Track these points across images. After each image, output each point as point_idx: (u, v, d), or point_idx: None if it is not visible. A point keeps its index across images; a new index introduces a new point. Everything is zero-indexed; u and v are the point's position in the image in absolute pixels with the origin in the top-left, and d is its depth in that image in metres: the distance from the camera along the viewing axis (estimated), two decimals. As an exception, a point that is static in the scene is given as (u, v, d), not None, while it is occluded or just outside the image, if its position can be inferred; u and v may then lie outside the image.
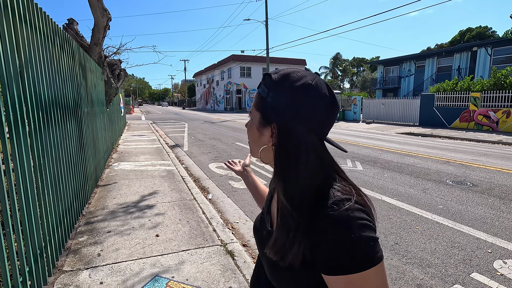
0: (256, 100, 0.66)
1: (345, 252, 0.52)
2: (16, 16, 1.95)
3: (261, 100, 0.63)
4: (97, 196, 4.22)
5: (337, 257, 0.53)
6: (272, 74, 0.63)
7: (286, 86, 0.60)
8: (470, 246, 2.88)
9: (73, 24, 5.99)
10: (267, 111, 0.62)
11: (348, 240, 0.52)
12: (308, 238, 0.56)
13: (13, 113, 1.82)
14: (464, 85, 13.92)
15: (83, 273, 2.31)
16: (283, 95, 0.60)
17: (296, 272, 0.59)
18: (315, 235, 0.55)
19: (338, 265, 0.53)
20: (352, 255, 0.52)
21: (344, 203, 0.55)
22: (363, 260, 0.52)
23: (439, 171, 5.76)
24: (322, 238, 0.54)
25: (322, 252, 0.54)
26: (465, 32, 39.09)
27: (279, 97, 0.60)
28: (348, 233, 0.52)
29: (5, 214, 1.67)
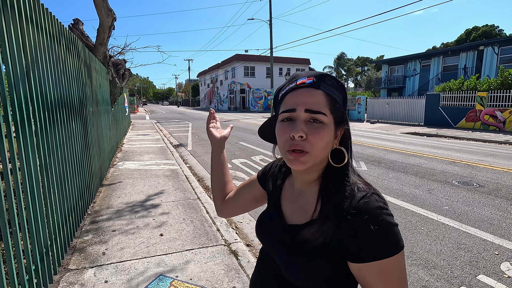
0: (326, 103, 0.62)
1: (380, 239, 0.57)
2: (23, 17, 1.97)
3: (334, 102, 0.64)
4: (102, 195, 4.25)
5: (373, 245, 0.57)
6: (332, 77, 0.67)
7: (344, 89, 0.67)
8: (476, 248, 2.84)
9: (79, 24, 6.03)
10: (341, 114, 0.65)
11: (382, 228, 0.57)
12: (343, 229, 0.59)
13: (19, 112, 1.84)
14: (471, 84, 13.76)
15: (88, 272, 2.32)
16: (345, 98, 0.67)
17: (317, 262, 0.62)
18: (350, 226, 0.59)
19: (372, 252, 0.57)
20: (385, 242, 0.57)
21: (372, 195, 0.61)
22: (393, 246, 0.57)
23: (445, 171, 5.70)
24: (358, 228, 0.58)
25: (357, 241, 0.58)
26: (471, 30, 38.64)
27: (346, 103, 0.67)
28: (381, 221, 0.57)
29: (11, 213, 1.69)
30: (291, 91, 0.65)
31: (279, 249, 0.70)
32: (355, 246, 0.58)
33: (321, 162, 0.67)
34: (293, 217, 0.71)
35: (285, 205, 0.75)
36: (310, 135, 0.61)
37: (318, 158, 0.64)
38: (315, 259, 0.62)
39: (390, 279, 0.57)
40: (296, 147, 0.62)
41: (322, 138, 0.61)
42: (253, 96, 37.94)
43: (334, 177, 0.66)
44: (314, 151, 0.62)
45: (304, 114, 0.62)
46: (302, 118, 0.62)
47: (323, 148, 0.63)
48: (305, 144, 0.61)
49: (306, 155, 0.62)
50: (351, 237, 0.58)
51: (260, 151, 8.09)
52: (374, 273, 0.57)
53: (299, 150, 0.62)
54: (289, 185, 0.78)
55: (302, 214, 0.69)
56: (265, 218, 0.79)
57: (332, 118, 0.63)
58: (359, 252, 0.58)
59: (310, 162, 0.63)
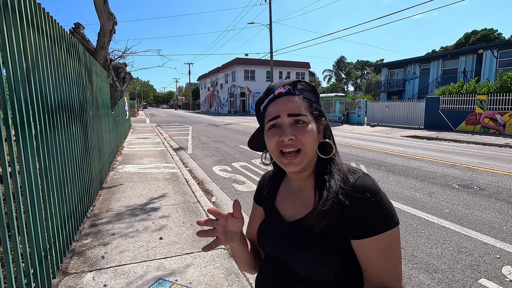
0: (304, 106, 0.70)
1: (379, 213, 0.63)
2: (24, 21, 1.98)
3: (310, 103, 0.72)
4: (101, 198, 4.24)
5: (372, 219, 0.63)
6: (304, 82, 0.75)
7: (315, 90, 0.76)
8: (477, 251, 2.83)
9: (80, 28, 6.07)
10: (317, 112, 0.73)
11: (379, 203, 0.64)
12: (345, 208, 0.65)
13: (19, 116, 1.84)
14: (470, 87, 13.79)
15: (87, 276, 2.31)
16: (319, 97, 0.76)
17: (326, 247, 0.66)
18: (351, 204, 0.64)
19: (371, 226, 0.63)
20: (383, 216, 0.63)
21: (365, 175, 0.68)
22: (390, 220, 0.64)
23: (445, 174, 5.69)
24: (358, 206, 0.64)
25: (358, 216, 0.64)
26: (470, 34, 38.82)
27: (318, 98, 0.75)
28: (378, 197, 0.64)
29: (10, 216, 1.69)
30: (271, 101, 0.72)
31: (287, 246, 0.72)
32: (356, 222, 0.64)
33: (312, 158, 0.72)
34: (296, 214, 0.74)
35: (284, 207, 0.78)
36: (299, 135, 0.68)
37: (310, 155, 0.70)
38: (323, 244, 0.66)
39: (387, 252, 0.63)
40: (288, 148, 0.68)
41: (309, 135, 0.68)
42: (253, 99, 38.01)
43: (326, 168, 0.72)
44: (305, 148, 0.68)
45: (288, 119, 0.69)
46: (287, 122, 0.69)
47: (312, 143, 0.69)
48: (296, 143, 0.68)
49: (299, 154, 0.68)
50: (352, 214, 0.64)
51: (260, 154, 8.08)
52: (373, 247, 0.63)
53: (292, 152, 0.68)
54: (285, 188, 0.81)
55: (304, 208, 0.73)
56: (265, 226, 0.81)
57: (311, 117, 0.71)
58: (360, 228, 0.64)
59: (305, 160, 0.69)
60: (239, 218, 0.70)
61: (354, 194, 0.65)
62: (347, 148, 8.89)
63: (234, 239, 0.73)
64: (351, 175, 0.69)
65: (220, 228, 0.70)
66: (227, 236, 0.71)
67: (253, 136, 0.85)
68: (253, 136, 0.85)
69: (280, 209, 0.79)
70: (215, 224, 0.70)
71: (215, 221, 0.70)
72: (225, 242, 0.71)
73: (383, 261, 0.63)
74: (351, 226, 0.64)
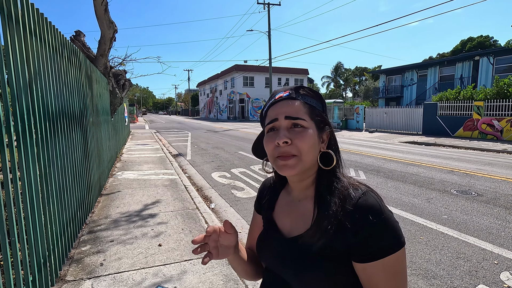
0: (304, 110, 0.67)
1: (383, 236, 0.59)
2: (27, 30, 2.02)
3: (312, 109, 0.69)
4: (100, 205, 4.24)
5: (376, 242, 0.58)
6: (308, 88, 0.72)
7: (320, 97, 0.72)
8: (475, 257, 2.84)
9: (80, 36, 6.14)
10: (321, 118, 0.69)
11: (383, 224, 0.59)
12: (345, 229, 0.60)
13: (21, 123, 1.86)
14: (467, 94, 13.92)
15: (86, 283, 2.30)
16: (324, 105, 0.72)
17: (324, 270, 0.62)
18: (352, 225, 0.60)
19: (376, 250, 0.58)
20: (388, 238, 0.59)
21: (368, 192, 0.64)
22: (395, 241, 0.59)
23: (443, 180, 5.72)
24: (360, 226, 0.59)
25: (360, 239, 0.59)
26: (467, 41, 39.28)
27: (324, 106, 0.72)
28: (382, 218, 0.59)
29: (11, 223, 1.70)
30: (271, 105, 0.70)
31: (286, 266, 0.69)
32: (359, 245, 0.59)
33: (311, 167, 0.69)
34: (294, 228, 0.71)
35: (282, 220, 0.75)
36: (295, 139, 0.64)
37: (307, 162, 0.66)
38: (321, 266, 0.62)
39: (393, 276, 0.59)
40: (283, 154, 0.65)
41: (306, 140, 0.65)
42: (252, 105, 38.16)
43: (326, 180, 0.68)
44: (302, 154, 0.64)
45: (285, 121, 0.66)
46: (284, 125, 0.66)
47: (309, 150, 0.65)
48: (291, 149, 0.64)
49: (294, 158, 0.64)
50: (353, 236, 0.60)
51: (259, 161, 8.05)
52: (378, 272, 0.59)
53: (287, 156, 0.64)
54: (284, 199, 0.78)
55: (302, 222, 0.69)
56: (263, 238, 0.78)
57: (312, 123, 0.67)
58: (363, 251, 0.59)
59: (300, 166, 0.65)
60: (232, 233, 0.70)
61: (355, 215, 0.60)
62: (346, 154, 8.91)
63: (227, 253, 0.72)
64: (354, 191, 0.64)
65: (212, 242, 0.70)
66: (218, 250, 0.70)
67: (257, 140, 0.81)
68: (257, 140, 0.81)
69: (278, 222, 0.76)
70: (207, 239, 0.69)
71: (207, 237, 0.69)
72: (217, 257, 0.70)
73: (389, 285, 0.59)
74: (353, 248, 0.60)
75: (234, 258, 0.76)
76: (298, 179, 0.71)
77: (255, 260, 0.85)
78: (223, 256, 0.72)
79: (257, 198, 0.90)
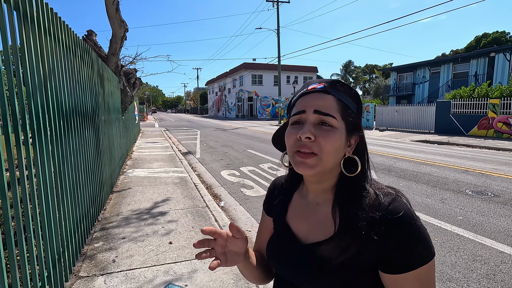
0: (337, 108, 0.61)
1: (416, 246, 0.55)
2: (41, 28, 2.05)
3: (345, 108, 0.62)
4: (112, 202, 4.30)
5: (409, 252, 0.55)
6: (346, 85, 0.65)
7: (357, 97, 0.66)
8: (493, 260, 2.75)
9: (92, 35, 6.22)
10: (354, 121, 0.63)
11: (416, 233, 0.55)
12: (373, 239, 0.56)
13: (36, 121, 1.89)
14: (482, 91, 13.54)
15: (99, 279, 2.33)
16: (360, 107, 0.66)
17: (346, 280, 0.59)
18: (382, 234, 0.56)
19: (409, 260, 0.55)
20: (421, 248, 0.55)
21: (397, 197, 0.59)
22: (428, 251, 0.56)
23: (458, 180, 5.57)
24: (393, 236, 0.55)
25: (391, 249, 0.55)
26: (481, 37, 38.20)
27: (360, 110, 0.65)
28: (414, 226, 0.55)
29: (26, 219, 1.72)
30: (302, 96, 0.65)
31: (302, 274, 0.64)
32: (390, 256, 0.56)
33: (332, 170, 0.64)
34: (312, 234, 0.66)
35: (297, 224, 0.69)
36: (320, 137, 0.59)
37: (327, 164, 0.60)
38: (345, 276, 0.58)
39: (425, 287, 0.56)
40: (303, 148, 0.59)
41: (331, 142, 0.59)
42: (261, 104, 38.10)
43: (349, 186, 0.63)
44: (323, 154, 0.59)
45: (313, 116, 0.60)
46: (311, 120, 0.60)
47: (333, 153, 0.60)
48: (313, 146, 0.59)
49: (314, 157, 0.59)
50: (384, 246, 0.56)
51: (268, 159, 8.07)
52: (410, 283, 0.55)
53: (307, 152, 0.59)
54: (299, 201, 0.72)
55: (322, 229, 0.64)
56: (275, 243, 0.72)
57: (343, 124, 0.61)
58: (394, 262, 0.55)
59: (319, 167, 0.59)
60: (240, 238, 0.63)
61: (386, 222, 0.56)
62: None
63: (236, 260, 0.65)
64: (383, 197, 0.59)
65: (219, 248, 0.62)
66: (227, 257, 0.63)
67: (278, 131, 0.75)
68: (279, 130, 0.75)
69: (292, 226, 0.70)
70: (213, 244, 0.62)
71: (213, 241, 0.62)
72: (225, 264, 0.63)
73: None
74: (383, 258, 0.56)
75: (244, 264, 0.70)
76: (316, 180, 0.66)
77: (264, 264, 0.79)
78: (232, 263, 0.64)
79: (266, 198, 0.84)
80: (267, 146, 10.61)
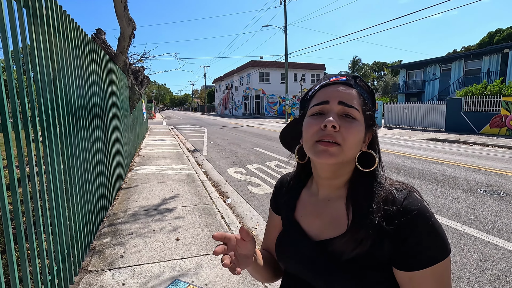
0: (359, 101, 0.62)
1: (433, 242, 0.54)
2: (51, 27, 2.07)
3: (365, 103, 0.63)
4: (120, 198, 4.35)
5: (425, 249, 0.54)
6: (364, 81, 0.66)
7: (373, 94, 0.66)
8: (505, 261, 2.68)
9: (101, 33, 6.28)
10: (371, 117, 0.64)
11: (433, 230, 0.55)
12: (389, 235, 0.56)
13: (46, 118, 1.92)
14: (495, 89, 13.21)
15: (107, 274, 2.37)
16: (374, 103, 0.66)
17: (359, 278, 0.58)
18: (398, 231, 0.55)
19: (426, 256, 0.54)
20: (437, 244, 0.55)
21: (412, 193, 0.59)
22: (444, 248, 0.55)
23: (469, 179, 5.46)
24: (409, 232, 0.55)
25: (408, 246, 0.55)
26: (495, 33, 37.23)
27: (374, 105, 0.66)
28: (430, 222, 0.55)
29: (37, 214, 1.76)
30: (323, 87, 0.64)
31: (314, 271, 0.63)
32: (407, 253, 0.55)
33: (348, 164, 0.63)
34: (324, 231, 0.65)
35: (308, 221, 0.69)
36: (343, 128, 0.58)
37: (348, 155, 0.60)
38: (358, 274, 0.57)
39: (441, 284, 0.55)
40: (327, 137, 0.58)
41: (354, 133, 0.59)
42: (268, 101, 38.03)
43: (363, 181, 0.62)
44: (346, 145, 0.58)
45: (338, 107, 0.60)
46: (335, 110, 0.60)
47: (355, 145, 0.60)
48: (337, 136, 0.58)
49: (337, 146, 0.58)
50: (399, 243, 0.55)
51: (275, 157, 8.05)
52: (427, 280, 0.54)
53: (330, 141, 0.58)
54: (308, 198, 0.71)
55: (334, 225, 0.64)
56: (284, 240, 0.72)
57: (363, 118, 0.62)
58: (412, 259, 0.55)
59: (340, 157, 0.59)
60: (249, 240, 0.64)
61: (401, 218, 0.55)
62: (364, 151, 8.70)
63: (247, 263, 0.65)
64: (397, 192, 0.59)
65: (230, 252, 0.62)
66: (238, 260, 0.63)
67: (287, 127, 0.75)
68: (288, 127, 0.75)
69: (303, 223, 0.69)
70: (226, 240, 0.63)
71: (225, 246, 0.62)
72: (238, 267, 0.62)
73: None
74: (398, 255, 0.55)
75: (253, 266, 0.71)
76: (331, 176, 0.64)
77: (272, 262, 0.79)
78: (243, 266, 0.64)
79: (273, 195, 0.83)
80: (274, 144, 10.58)
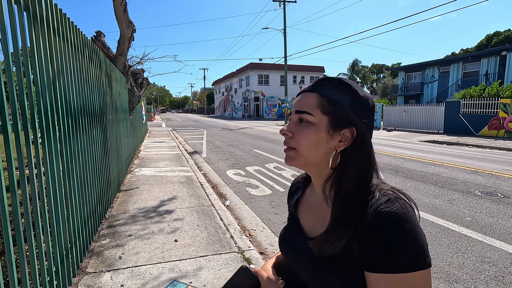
0: (316, 103, 0.62)
1: (396, 248, 0.52)
2: (51, 30, 2.09)
3: (330, 103, 0.62)
4: (119, 200, 4.36)
5: (385, 252, 0.53)
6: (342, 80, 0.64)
7: (360, 95, 0.63)
8: (502, 262, 2.70)
9: (101, 36, 6.31)
10: (342, 115, 0.61)
11: (398, 238, 0.52)
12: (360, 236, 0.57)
13: (45, 120, 1.93)
14: (493, 91, 13.29)
15: (105, 275, 2.37)
16: (358, 101, 0.62)
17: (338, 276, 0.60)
18: (366, 233, 0.56)
19: (384, 260, 0.53)
20: (403, 252, 0.52)
21: (396, 199, 0.57)
22: (413, 261, 0.51)
23: (467, 181, 5.48)
24: (373, 235, 0.55)
25: (370, 248, 0.55)
26: (493, 36, 37.44)
27: (357, 103, 0.62)
28: (401, 228, 0.53)
29: (36, 216, 1.77)
30: (296, 97, 0.71)
31: (303, 266, 0.68)
32: (368, 252, 0.55)
33: (324, 165, 0.64)
34: (315, 228, 0.69)
35: (305, 218, 0.74)
36: (296, 133, 0.64)
37: (309, 157, 0.64)
38: (337, 272, 0.59)
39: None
40: (285, 144, 0.67)
41: (306, 137, 0.62)
42: (267, 104, 38.09)
43: (346, 182, 0.62)
44: (300, 148, 0.63)
45: (296, 115, 0.66)
46: (294, 119, 0.66)
47: (311, 147, 0.63)
48: (291, 141, 0.65)
49: (293, 151, 0.65)
50: (367, 244, 0.56)
51: (274, 159, 8.07)
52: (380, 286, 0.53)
53: (288, 147, 0.66)
54: (309, 196, 0.76)
55: (322, 223, 0.67)
56: (286, 233, 0.78)
57: (325, 118, 0.62)
58: (370, 259, 0.55)
59: (300, 160, 0.65)
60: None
61: (371, 221, 0.55)
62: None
63: None
64: (379, 196, 0.58)
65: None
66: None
67: None
68: None
69: (302, 219, 0.74)
70: None
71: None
72: None
73: None
74: (365, 256, 0.56)
75: None
76: (315, 176, 0.69)
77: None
78: None
79: (288, 197, 0.88)
80: (273, 146, 10.60)
